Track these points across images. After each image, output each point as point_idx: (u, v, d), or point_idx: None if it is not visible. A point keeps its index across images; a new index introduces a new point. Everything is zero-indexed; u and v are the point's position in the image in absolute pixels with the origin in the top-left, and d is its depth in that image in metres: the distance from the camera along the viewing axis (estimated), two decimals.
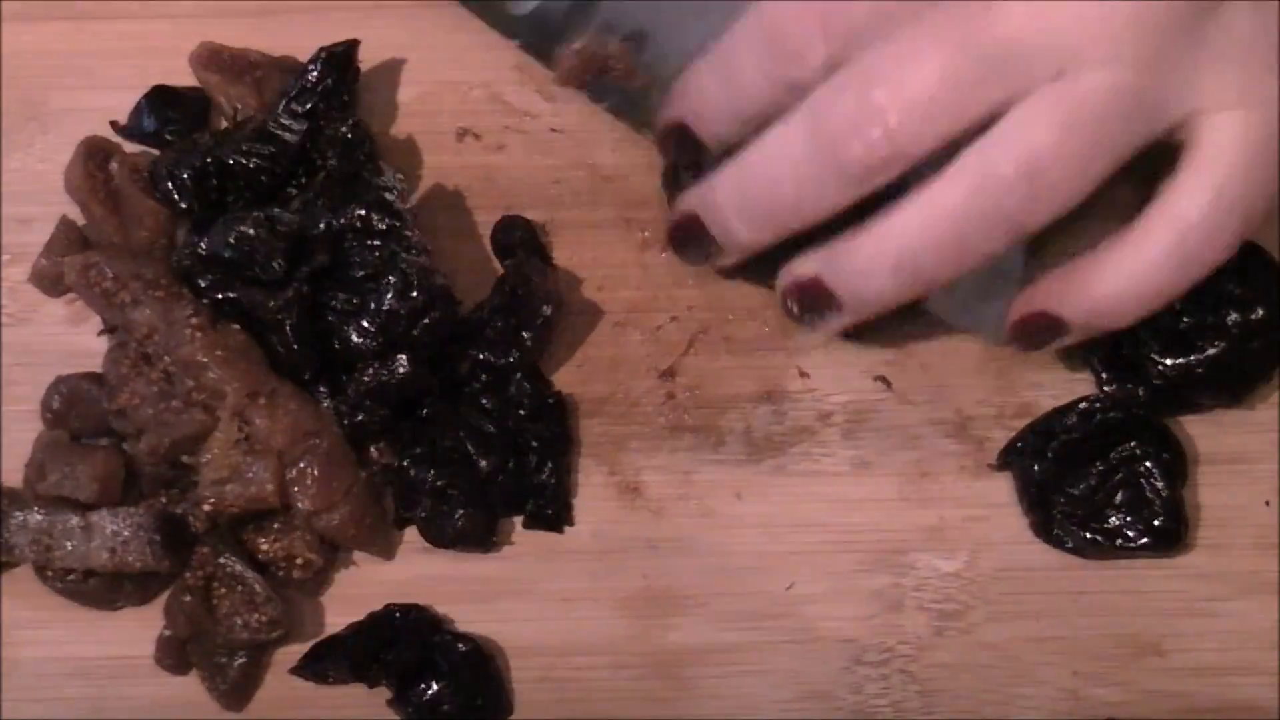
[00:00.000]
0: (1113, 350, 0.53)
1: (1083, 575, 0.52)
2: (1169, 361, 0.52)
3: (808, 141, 0.48)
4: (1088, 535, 0.51)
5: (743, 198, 0.50)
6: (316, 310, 0.51)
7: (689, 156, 0.53)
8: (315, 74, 0.54)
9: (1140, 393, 0.52)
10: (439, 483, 0.52)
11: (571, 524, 0.53)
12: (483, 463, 0.52)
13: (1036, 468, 0.52)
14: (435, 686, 0.50)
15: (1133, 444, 0.52)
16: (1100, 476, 0.52)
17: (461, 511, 0.51)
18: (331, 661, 0.50)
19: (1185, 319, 0.52)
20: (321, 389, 0.52)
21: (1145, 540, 0.51)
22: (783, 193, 0.49)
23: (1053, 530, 0.52)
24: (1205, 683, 0.51)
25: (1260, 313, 0.52)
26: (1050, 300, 0.50)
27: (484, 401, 0.53)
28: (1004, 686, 0.51)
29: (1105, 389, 0.53)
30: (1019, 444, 0.53)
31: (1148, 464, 0.51)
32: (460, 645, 0.51)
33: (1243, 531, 0.52)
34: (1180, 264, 0.48)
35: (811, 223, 0.49)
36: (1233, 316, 0.52)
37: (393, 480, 0.52)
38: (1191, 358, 0.52)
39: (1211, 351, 0.52)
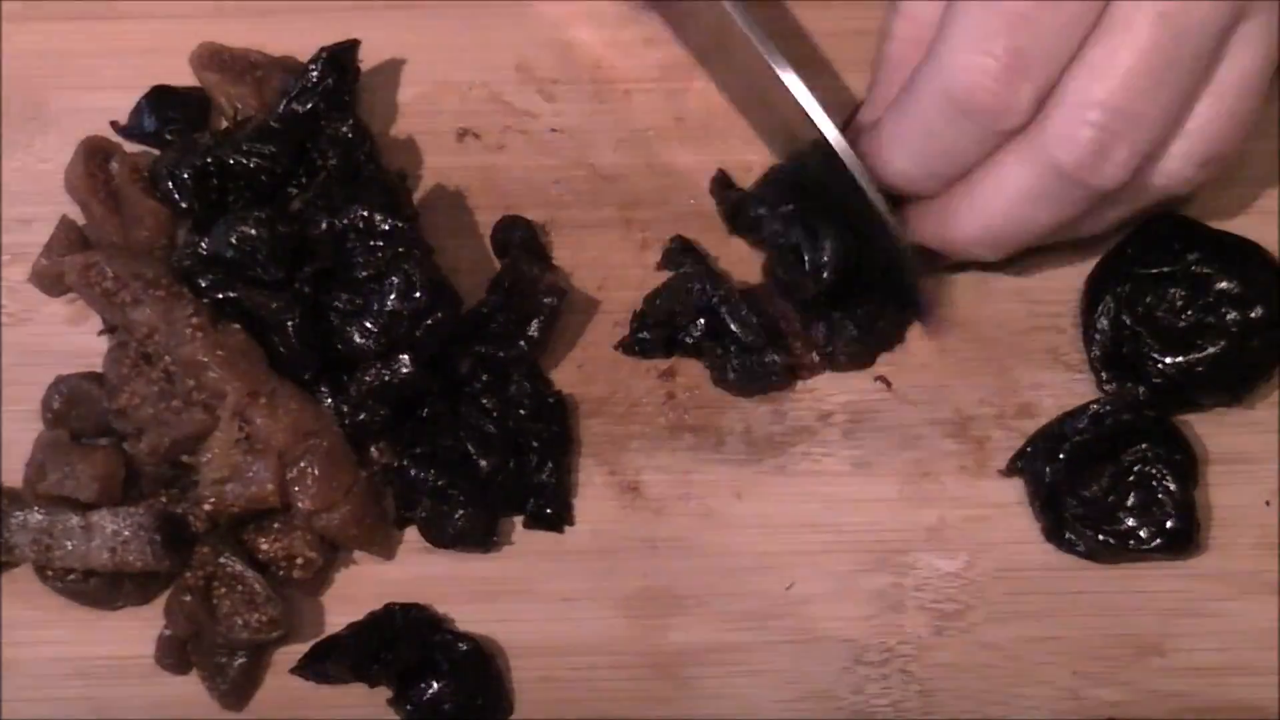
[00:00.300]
0: (1112, 350, 0.53)
1: (1083, 575, 0.52)
2: (1169, 360, 0.52)
3: (1055, 181, 0.48)
4: (1100, 538, 0.51)
5: (992, 237, 0.51)
6: (318, 310, 0.51)
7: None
8: (316, 73, 0.54)
9: (1140, 392, 0.52)
10: (439, 483, 0.52)
11: (572, 524, 0.53)
12: (483, 463, 0.52)
13: (1048, 470, 0.52)
14: (435, 686, 0.50)
15: (1144, 446, 0.52)
16: (1111, 479, 0.52)
17: (461, 512, 0.51)
18: (331, 661, 0.50)
19: (1185, 317, 0.52)
20: (322, 389, 0.52)
21: (1158, 541, 0.51)
22: (1036, 226, 0.50)
23: (1064, 534, 0.52)
24: (1205, 683, 0.51)
25: (1259, 311, 0.52)
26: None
27: (484, 402, 0.53)
28: (1004, 686, 0.51)
29: (1105, 388, 0.53)
30: (1029, 448, 0.53)
31: (1159, 466, 0.51)
32: (460, 645, 0.51)
33: (1243, 531, 0.52)
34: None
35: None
36: (1232, 315, 0.52)
37: (393, 480, 0.52)
38: (1191, 356, 0.52)
39: (1211, 350, 0.52)
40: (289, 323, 0.51)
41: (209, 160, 0.52)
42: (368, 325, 0.51)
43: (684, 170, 0.57)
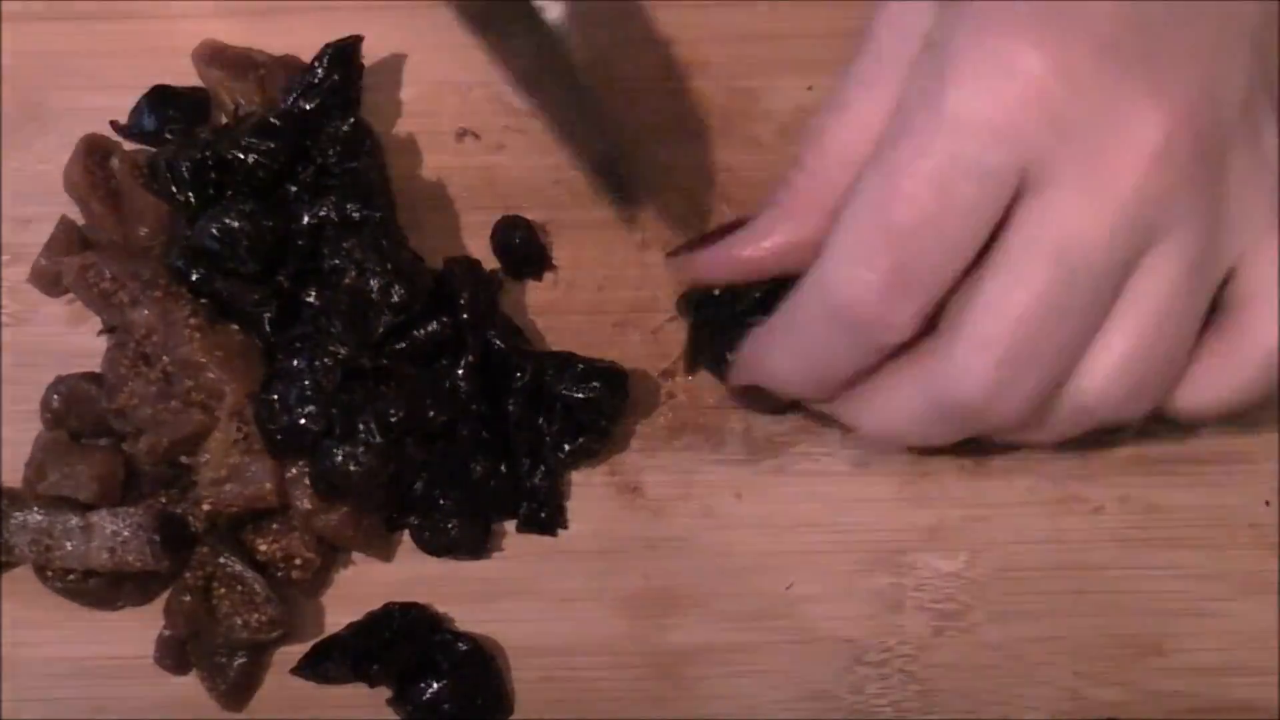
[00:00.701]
0: None
1: (1083, 575, 0.52)
2: None
3: (954, 411, 0.46)
4: None
5: (898, 443, 0.51)
6: (295, 305, 0.51)
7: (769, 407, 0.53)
8: (322, 70, 0.54)
9: None
10: (432, 491, 0.51)
11: (565, 527, 0.53)
12: (475, 466, 0.52)
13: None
14: (435, 686, 0.50)
15: None
16: None
17: (453, 521, 0.51)
18: (332, 661, 0.50)
19: None
20: None
21: None
22: (941, 440, 0.49)
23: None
24: (1205, 683, 0.51)
25: None
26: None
27: (475, 407, 0.52)
28: (1004, 686, 0.51)
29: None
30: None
31: None
32: (460, 645, 0.51)
33: (1243, 531, 0.52)
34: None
35: None
36: None
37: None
38: None
39: None
40: (265, 316, 0.51)
41: (207, 154, 0.52)
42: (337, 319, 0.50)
43: (684, 170, 0.57)
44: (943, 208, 0.44)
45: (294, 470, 0.51)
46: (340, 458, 0.49)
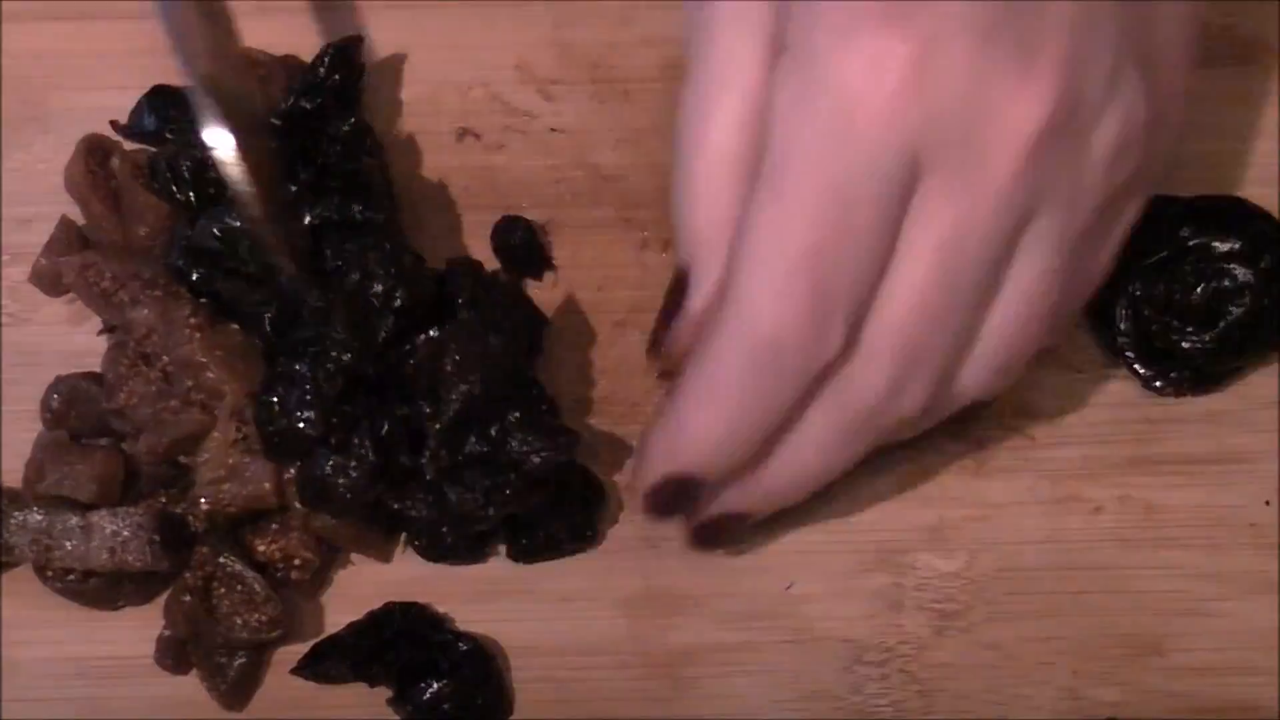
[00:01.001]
0: (1143, 346, 0.53)
1: (1083, 575, 0.52)
2: (1204, 336, 0.52)
3: (856, 423, 0.46)
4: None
5: (800, 488, 0.49)
6: (297, 305, 0.51)
7: (689, 505, 0.49)
8: (324, 69, 0.54)
9: (1185, 375, 0.53)
10: (423, 514, 0.51)
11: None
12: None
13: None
14: (436, 686, 0.50)
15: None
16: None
17: (451, 533, 0.51)
18: (332, 661, 0.50)
19: (1201, 291, 0.52)
20: None
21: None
22: (840, 467, 0.48)
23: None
24: (1205, 683, 0.51)
25: (1268, 259, 0.52)
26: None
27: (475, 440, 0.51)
28: (1004, 686, 0.51)
29: (1152, 385, 0.53)
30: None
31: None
32: (461, 644, 0.50)
33: (1243, 531, 0.52)
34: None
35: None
36: (1242, 271, 0.52)
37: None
38: (1221, 325, 0.52)
39: (1239, 310, 0.52)
40: (266, 316, 0.51)
41: (208, 154, 0.52)
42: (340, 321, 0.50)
43: None
44: (847, 217, 0.43)
45: (293, 471, 0.51)
46: (330, 469, 0.49)
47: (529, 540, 0.52)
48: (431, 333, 0.51)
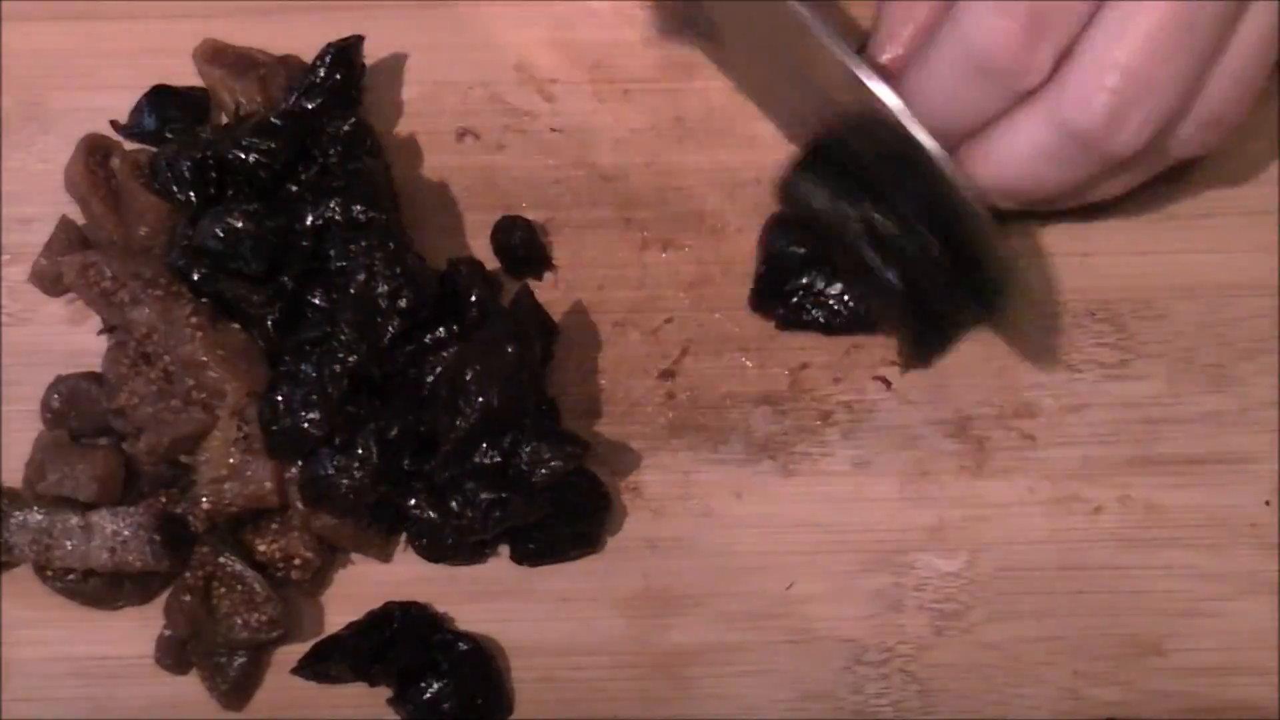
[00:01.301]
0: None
1: (1083, 575, 0.52)
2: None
3: (1070, 143, 0.48)
4: None
5: (1003, 188, 0.50)
6: (300, 307, 0.51)
7: None
8: (324, 69, 0.54)
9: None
10: (427, 514, 0.51)
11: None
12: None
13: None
14: (436, 686, 0.50)
15: None
16: None
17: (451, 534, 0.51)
18: (332, 661, 0.50)
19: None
20: None
21: None
22: (1048, 184, 0.50)
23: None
24: (1205, 683, 0.51)
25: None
26: None
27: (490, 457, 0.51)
28: (1004, 686, 0.51)
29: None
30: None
31: None
32: (461, 644, 0.51)
33: (1243, 531, 0.52)
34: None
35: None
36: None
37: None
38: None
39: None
40: (268, 318, 0.51)
41: (208, 154, 0.52)
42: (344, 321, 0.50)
43: (684, 170, 0.57)
44: None
45: (294, 470, 0.51)
46: (333, 469, 0.49)
47: (533, 544, 0.52)
48: (439, 333, 0.51)
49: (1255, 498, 0.53)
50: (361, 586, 0.52)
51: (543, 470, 0.50)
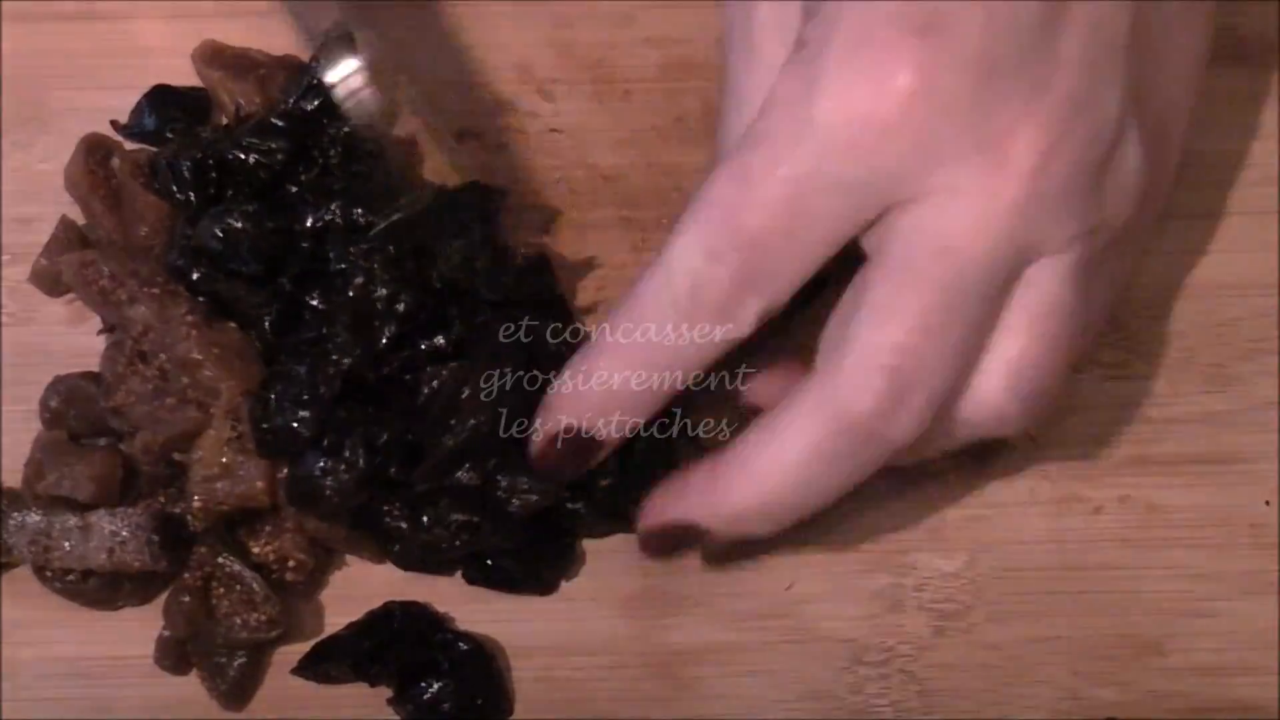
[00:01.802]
0: None
1: (1083, 575, 0.52)
2: None
3: (847, 435, 0.45)
4: None
5: (772, 506, 0.47)
6: (297, 308, 0.51)
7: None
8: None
9: None
10: (399, 525, 0.51)
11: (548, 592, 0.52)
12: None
13: None
14: (436, 686, 0.50)
15: None
16: None
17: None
18: (332, 661, 0.50)
19: None
20: None
21: None
22: (823, 491, 0.47)
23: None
24: (1205, 683, 0.51)
25: None
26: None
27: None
28: (1004, 686, 0.51)
29: None
30: None
31: None
32: (461, 644, 0.50)
33: (1243, 531, 0.52)
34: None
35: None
36: None
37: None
38: None
39: None
40: (266, 318, 0.51)
41: (208, 154, 0.52)
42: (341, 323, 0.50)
43: (684, 170, 0.57)
44: (795, 218, 0.44)
45: (285, 471, 0.50)
46: (319, 471, 0.49)
47: (488, 573, 0.52)
48: (438, 340, 0.51)
49: (1255, 498, 0.53)
50: (361, 586, 0.52)
51: (517, 501, 0.49)
